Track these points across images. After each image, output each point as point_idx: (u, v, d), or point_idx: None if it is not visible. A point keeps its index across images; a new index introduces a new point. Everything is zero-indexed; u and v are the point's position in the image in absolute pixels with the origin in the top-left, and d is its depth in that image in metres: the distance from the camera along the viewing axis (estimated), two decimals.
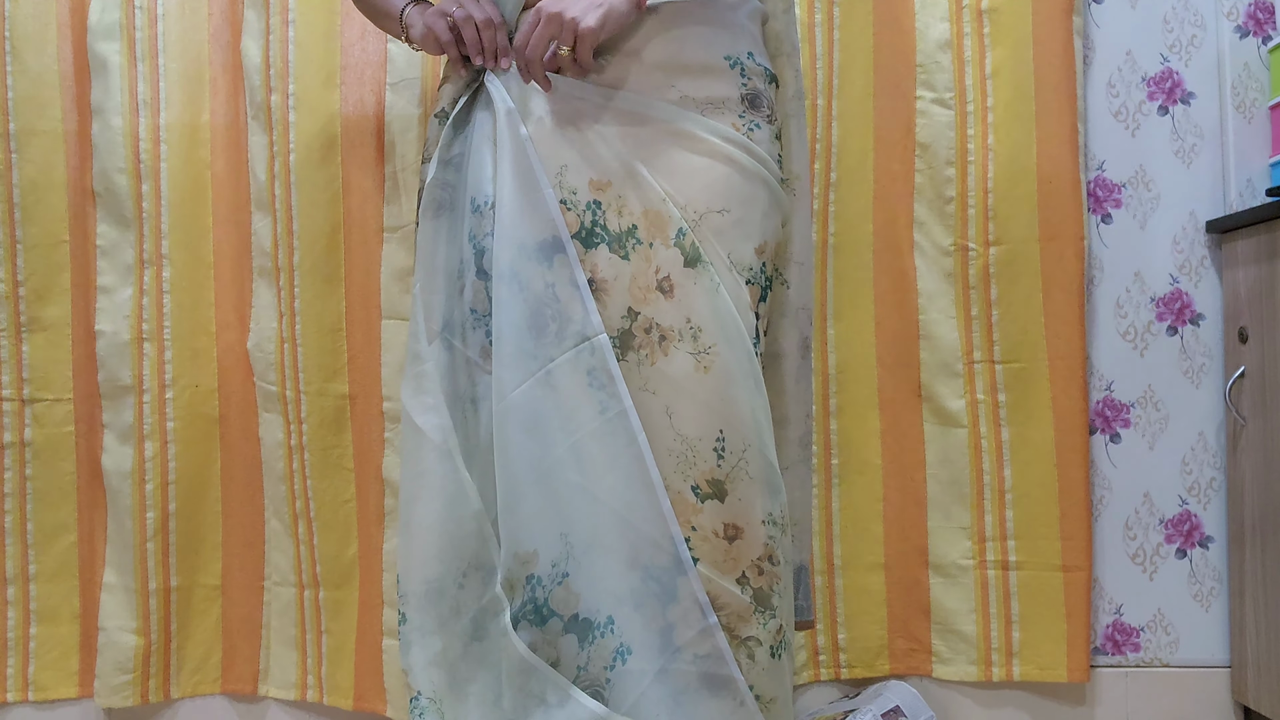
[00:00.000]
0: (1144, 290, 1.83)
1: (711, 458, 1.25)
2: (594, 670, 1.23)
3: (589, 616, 1.23)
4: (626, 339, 1.27)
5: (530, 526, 1.25)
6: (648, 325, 1.27)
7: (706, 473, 1.25)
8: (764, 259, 1.32)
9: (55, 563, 1.79)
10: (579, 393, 1.26)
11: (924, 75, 1.80)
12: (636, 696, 1.22)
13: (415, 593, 1.30)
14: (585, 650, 1.23)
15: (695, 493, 1.25)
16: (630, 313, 1.27)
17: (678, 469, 1.25)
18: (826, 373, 1.80)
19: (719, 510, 1.25)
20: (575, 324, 1.27)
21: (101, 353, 1.75)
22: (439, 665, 1.30)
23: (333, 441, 1.79)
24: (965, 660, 1.78)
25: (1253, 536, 1.72)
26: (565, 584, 1.24)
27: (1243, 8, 1.83)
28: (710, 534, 1.25)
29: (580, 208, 1.29)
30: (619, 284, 1.27)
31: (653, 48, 1.30)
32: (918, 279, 1.80)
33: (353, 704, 1.77)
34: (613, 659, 1.23)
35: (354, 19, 1.79)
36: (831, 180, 1.80)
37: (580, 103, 1.30)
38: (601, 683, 1.22)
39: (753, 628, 1.26)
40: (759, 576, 1.27)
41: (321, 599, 1.79)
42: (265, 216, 1.79)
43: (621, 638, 1.23)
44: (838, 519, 1.81)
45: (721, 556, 1.25)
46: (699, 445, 1.25)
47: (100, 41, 1.75)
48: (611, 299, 1.27)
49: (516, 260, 1.28)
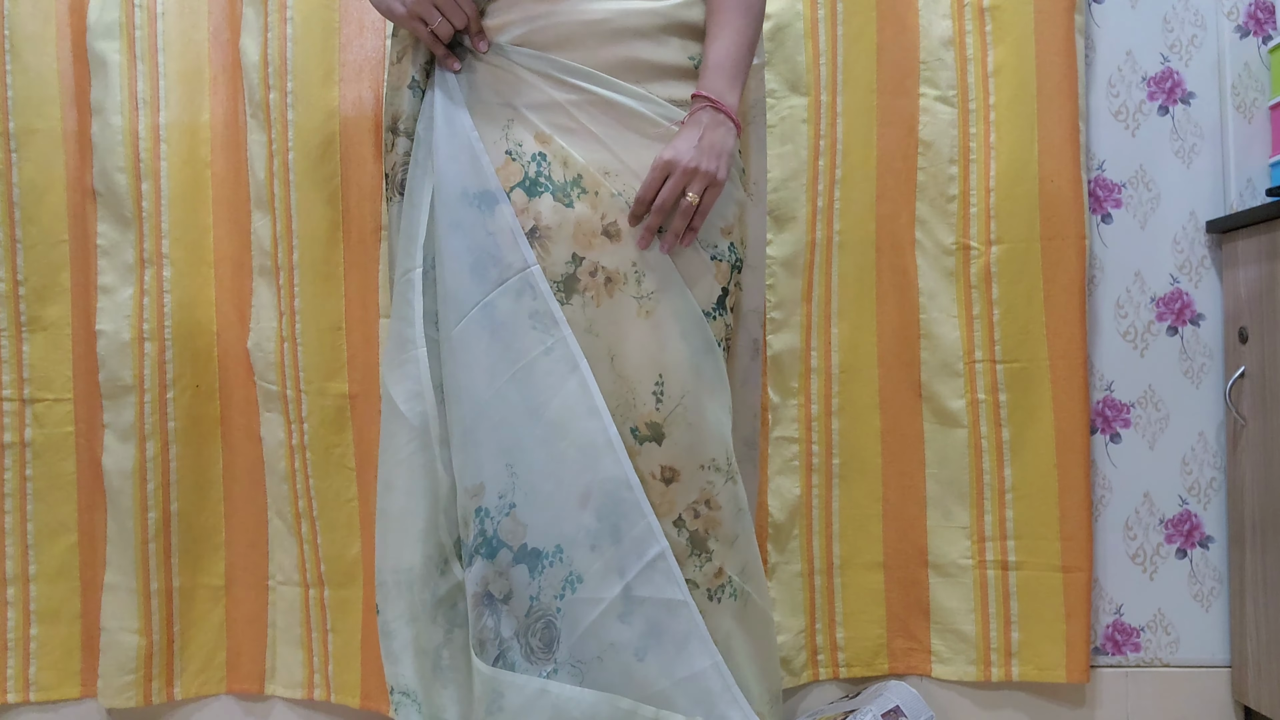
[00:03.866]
0: (1144, 290, 1.83)
1: (650, 400, 1.28)
2: (545, 600, 1.24)
3: (537, 546, 1.24)
4: (570, 283, 1.29)
5: (477, 459, 1.27)
6: (593, 269, 1.30)
7: (645, 415, 1.28)
8: (731, 240, 1.36)
9: (56, 563, 1.79)
10: (520, 327, 1.27)
11: (927, 72, 1.80)
12: (588, 624, 1.23)
13: (390, 582, 1.32)
14: (536, 580, 1.24)
15: (634, 435, 1.28)
16: (575, 258, 1.29)
17: (617, 410, 1.28)
18: (830, 372, 1.80)
19: (656, 453, 1.28)
20: (513, 264, 1.28)
21: (102, 352, 1.75)
22: (422, 652, 1.31)
23: (334, 441, 1.79)
24: (964, 660, 1.78)
25: (1253, 536, 1.72)
26: (513, 514, 1.25)
27: (1243, 8, 1.83)
28: (647, 476, 1.28)
29: (525, 159, 1.31)
30: (563, 231, 1.29)
31: (617, 49, 1.32)
32: (919, 278, 1.80)
33: (359, 702, 1.78)
34: (562, 588, 1.24)
35: (352, 16, 1.79)
36: (837, 177, 1.80)
37: (537, 78, 1.32)
38: (553, 611, 1.23)
39: (688, 570, 1.29)
40: (695, 519, 1.30)
41: (327, 598, 1.79)
42: (265, 215, 1.78)
43: (571, 566, 1.24)
44: (837, 518, 1.81)
45: (658, 499, 1.28)
46: (638, 388, 1.28)
47: (99, 40, 1.75)
48: (555, 245, 1.29)
49: (458, 209, 1.30)
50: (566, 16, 1.31)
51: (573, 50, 1.31)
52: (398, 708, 1.29)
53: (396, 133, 1.41)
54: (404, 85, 1.40)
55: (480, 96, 1.34)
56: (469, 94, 1.35)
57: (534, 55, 1.32)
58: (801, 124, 1.79)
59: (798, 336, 1.79)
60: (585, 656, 1.22)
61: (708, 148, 1.28)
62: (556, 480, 1.25)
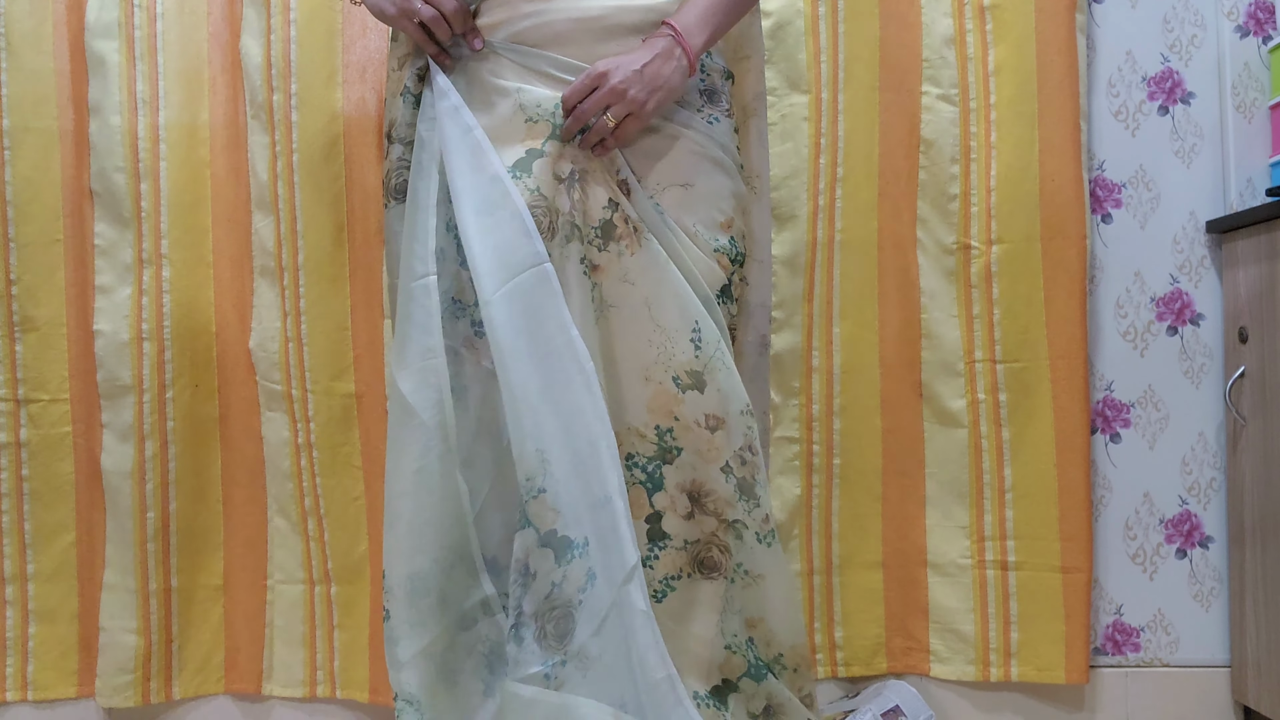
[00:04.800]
0: (1144, 290, 1.83)
1: (689, 348, 1.29)
2: (568, 590, 1.22)
3: (567, 534, 1.23)
4: (608, 229, 1.29)
5: (517, 440, 1.25)
6: (626, 216, 1.30)
7: (686, 364, 1.29)
8: (732, 234, 1.36)
9: (53, 563, 1.78)
10: (545, 314, 1.25)
11: (929, 70, 1.80)
12: (599, 622, 1.22)
13: (400, 587, 1.30)
14: (562, 568, 1.22)
15: (676, 383, 1.28)
16: (610, 203, 1.29)
17: (659, 360, 1.28)
18: (831, 372, 1.80)
19: (699, 401, 1.29)
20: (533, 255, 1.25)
21: (100, 352, 1.74)
22: (427, 657, 1.30)
23: (341, 439, 1.79)
24: (963, 660, 1.78)
25: (1253, 536, 1.72)
26: (541, 499, 1.23)
27: (1243, 8, 1.83)
28: (692, 424, 1.28)
29: (547, 113, 1.30)
30: (596, 174, 1.30)
31: (611, 45, 1.31)
32: (920, 277, 1.80)
33: (368, 697, 1.78)
34: (585, 581, 1.22)
35: (354, 17, 1.78)
36: (839, 175, 1.80)
37: (532, 75, 1.32)
38: (574, 604, 1.22)
39: (738, 513, 1.30)
40: (742, 467, 1.31)
41: (334, 594, 1.79)
42: (267, 216, 1.78)
43: (591, 562, 1.22)
44: (837, 517, 1.81)
45: (705, 446, 1.29)
46: (676, 335, 1.28)
47: (98, 40, 1.74)
48: (593, 186, 1.29)
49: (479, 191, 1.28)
50: (559, 14, 1.31)
51: (567, 47, 1.31)
52: (400, 715, 1.29)
53: (392, 139, 1.41)
54: (399, 93, 1.39)
55: (479, 92, 1.33)
56: (468, 91, 1.34)
57: (528, 53, 1.32)
58: (802, 122, 1.79)
59: (799, 336, 1.79)
60: (591, 654, 1.21)
61: (650, 76, 1.26)
62: (582, 474, 1.23)
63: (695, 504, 1.31)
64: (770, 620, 1.34)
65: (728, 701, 1.31)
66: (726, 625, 1.33)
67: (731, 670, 1.33)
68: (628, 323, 1.30)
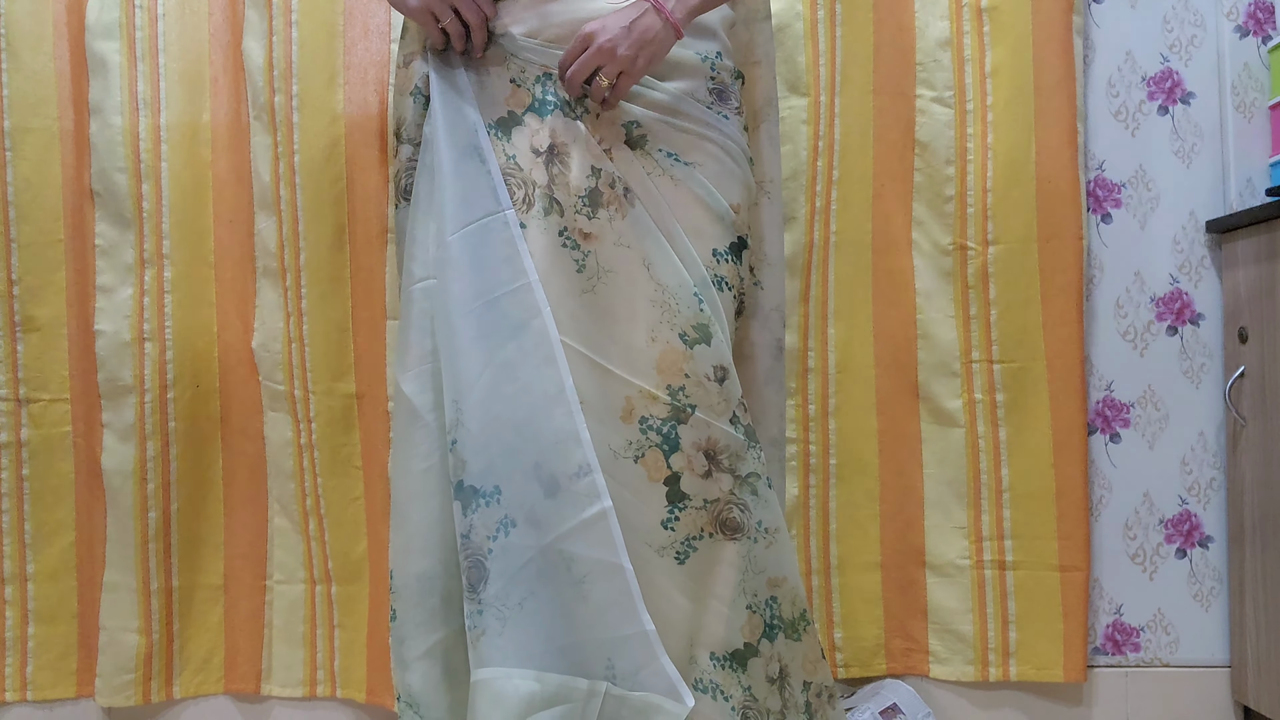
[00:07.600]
0: (1144, 290, 1.83)
1: (694, 303, 1.29)
2: (476, 539, 1.22)
3: (474, 484, 1.22)
4: (594, 196, 1.29)
5: (446, 390, 1.25)
6: (611, 180, 1.30)
7: (691, 318, 1.29)
8: (739, 216, 1.36)
9: (53, 563, 1.79)
10: (493, 259, 1.26)
11: (924, 73, 1.80)
12: (515, 569, 1.21)
13: (408, 588, 1.30)
14: (469, 517, 1.22)
15: (684, 340, 1.28)
16: (594, 170, 1.29)
17: (664, 319, 1.28)
18: (826, 372, 1.80)
19: (707, 354, 1.29)
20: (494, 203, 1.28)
21: (101, 352, 1.74)
22: (433, 657, 1.29)
23: (342, 440, 1.79)
24: (962, 660, 1.78)
25: (1253, 536, 1.72)
26: (455, 450, 1.23)
27: (1243, 8, 1.83)
28: (702, 379, 1.28)
29: (530, 82, 1.32)
30: (576, 144, 1.30)
31: None
32: (916, 278, 1.80)
33: (365, 697, 1.78)
34: (496, 529, 1.22)
35: (356, 19, 1.79)
36: (834, 178, 1.80)
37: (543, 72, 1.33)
38: (484, 552, 1.21)
39: (750, 464, 1.30)
40: (745, 414, 1.31)
41: (334, 594, 1.79)
42: (269, 217, 1.78)
43: (506, 509, 1.21)
44: (835, 518, 1.81)
45: (715, 399, 1.29)
46: (679, 292, 1.29)
47: (99, 40, 1.75)
48: (573, 158, 1.29)
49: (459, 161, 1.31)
50: (576, 14, 1.31)
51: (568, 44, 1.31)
52: (401, 716, 1.29)
53: (400, 139, 1.41)
54: (407, 91, 1.39)
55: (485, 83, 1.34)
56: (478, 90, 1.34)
57: (542, 49, 1.32)
58: (802, 124, 1.79)
59: (795, 337, 1.79)
60: (509, 602, 1.20)
61: (638, 34, 1.27)
62: (500, 422, 1.22)
63: (711, 461, 1.30)
64: (793, 579, 1.33)
65: (747, 665, 1.29)
66: (748, 584, 1.31)
67: (752, 632, 1.31)
68: (627, 285, 1.29)
